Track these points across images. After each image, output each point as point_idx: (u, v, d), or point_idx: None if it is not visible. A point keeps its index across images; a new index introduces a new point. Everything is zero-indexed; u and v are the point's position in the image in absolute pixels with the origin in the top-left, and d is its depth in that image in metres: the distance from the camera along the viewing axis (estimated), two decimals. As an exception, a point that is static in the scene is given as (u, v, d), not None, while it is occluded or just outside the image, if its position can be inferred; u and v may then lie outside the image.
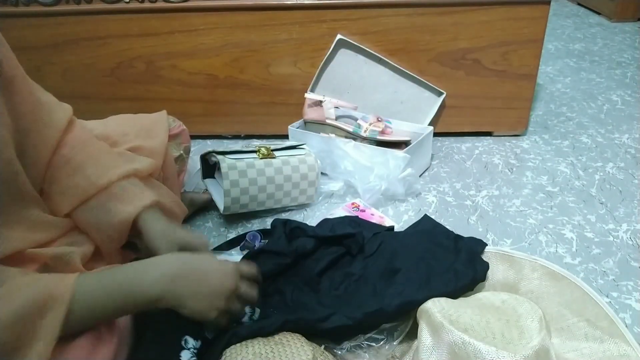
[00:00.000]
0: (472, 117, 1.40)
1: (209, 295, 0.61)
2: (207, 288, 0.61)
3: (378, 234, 0.91)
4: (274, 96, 1.38)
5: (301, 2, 1.24)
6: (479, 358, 0.57)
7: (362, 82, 1.35)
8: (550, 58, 2.07)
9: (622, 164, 1.25)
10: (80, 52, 1.33)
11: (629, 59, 2.03)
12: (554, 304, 0.76)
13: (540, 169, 1.25)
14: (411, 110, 1.37)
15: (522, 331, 0.63)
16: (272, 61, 1.32)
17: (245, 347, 0.63)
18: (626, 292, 0.84)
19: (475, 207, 1.10)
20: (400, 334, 0.73)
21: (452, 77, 1.33)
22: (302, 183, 1.08)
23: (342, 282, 0.82)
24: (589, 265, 0.91)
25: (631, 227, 1.01)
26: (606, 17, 2.63)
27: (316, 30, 1.27)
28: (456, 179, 1.22)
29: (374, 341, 0.73)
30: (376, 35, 1.27)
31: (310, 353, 0.63)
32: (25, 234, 0.60)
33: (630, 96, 1.67)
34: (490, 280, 0.82)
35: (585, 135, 1.42)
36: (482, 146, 1.38)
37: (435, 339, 0.63)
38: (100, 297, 0.55)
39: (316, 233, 0.91)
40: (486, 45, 1.28)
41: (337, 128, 1.28)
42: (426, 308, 0.67)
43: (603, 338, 0.69)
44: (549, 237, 0.99)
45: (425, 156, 1.26)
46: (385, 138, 1.23)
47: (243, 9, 1.25)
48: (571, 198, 1.12)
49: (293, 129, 1.29)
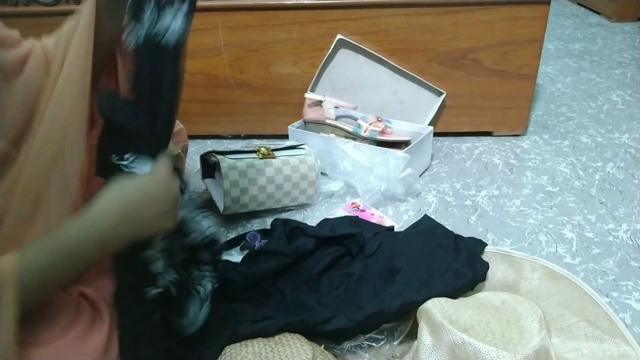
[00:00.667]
0: (472, 117, 1.40)
1: (159, 211, 0.58)
2: (155, 204, 0.58)
3: (378, 234, 0.92)
4: (274, 96, 1.38)
5: (301, 2, 1.24)
6: (479, 358, 0.57)
7: (362, 82, 1.35)
8: (550, 58, 2.07)
9: (622, 164, 1.25)
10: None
11: (629, 59, 2.03)
12: (554, 304, 0.76)
13: (540, 169, 1.25)
14: (411, 110, 1.37)
15: (522, 331, 0.63)
16: (272, 61, 1.32)
17: (245, 347, 0.64)
18: (626, 292, 0.84)
19: (475, 207, 1.10)
20: (401, 334, 0.73)
21: (452, 77, 1.33)
22: (302, 183, 1.08)
23: (342, 282, 0.82)
24: (589, 265, 0.91)
25: (631, 227, 1.01)
26: (606, 17, 2.63)
27: (316, 30, 1.27)
28: (456, 179, 1.22)
29: (374, 341, 0.73)
30: (376, 35, 1.27)
31: (310, 353, 0.63)
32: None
33: (630, 96, 1.67)
34: (490, 280, 0.82)
35: (585, 135, 1.42)
36: (482, 146, 1.38)
37: (435, 339, 0.63)
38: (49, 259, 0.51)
39: (316, 233, 0.91)
40: (486, 45, 1.28)
41: (337, 128, 1.28)
42: (426, 308, 0.67)
43: (603, 338, 0.69)
44: (549, 237, 0.99)
45: (425, 156, 1.26)
46: (385, 138, 1.23)
47: (243, 9, 1.25)
48: (571, 198, 1.12)
49: (293, 129, 1.29)
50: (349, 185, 1.16)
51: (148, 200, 0.58)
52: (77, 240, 0.53)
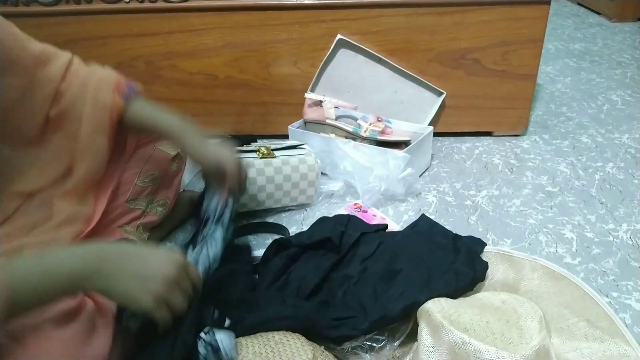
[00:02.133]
0: (472, 117, 1.40)
1: (142, 277, 0.53)
2: (142, 269, 0.54)
3: (373, 235, 0.91)
4: (274, 96, 1.38)
5: (301, 2, 1.24)
6: (478, 358, 0.57)
7: (362, 82, 1.35)
8: (550, 58, 2.07)
9: (622, 164, 1.25)
10: (80, 52, 1.30)
11: (629, 59, 2.03)
12: (554, 304, 0.76)
13: (540, 169, 1.25)
14: (411, 110, 1.37)
15: (522, 331, 0.63)
16: (272, 61, 1.32)
17: (245, 347, 0.63)
18: (626, 292, 0.84)
19: (475, 207, 1.10)
20: (402, 335, 0.73)
21: (452, 77, 1.33)
22: (301, 183, 1.08)
23: (342, 285, 0.82)
24: (589, 265, 0.91)
25: (631, 227, 1.01)
26: (606, 17, 2.63)
27: (316, 30, 1.27)
28: (456, 179, 1.22)
29: (375, 342, 0.73)
30: (376, 35, 1.27)
31: (310, 353, 0.63)
32: None
33: (630, 96, 1.67)
34: (490, 280, 0.82)
35: (585, 135, 1.42)
36: (482, 146, 1.38)
37: (435, 339, 0.63)
38: (26, 279, 0.49)
39: (300, 242, 0.91)
40: (486, 45, 1.28)
41: (337, 128, 1.28)
42: (426, 308, 0.67)
43: (603, 338, 0.69)
44: (549, 237, 0.99)
45: (425, 156, 1.26)
46: (385, 138, 1.23)
47: (243, 9, 1.25)
48: (571, 198, 1.12)
49: (293, 129, 1.29)
50: (349, 185, 1.16)
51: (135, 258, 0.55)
52: (52, 265, 0.51)
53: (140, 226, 0.86)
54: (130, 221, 0.85)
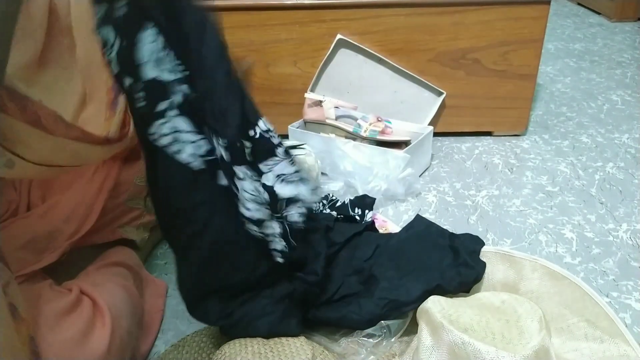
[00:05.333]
0: (472, 117, 1.40)
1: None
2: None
3: (369, 236, 0.90)
4: (274, 96, 1.38)
5: (301, 2, 1.24)
6: (478, 358, 0.57)
7: (362, 82, 1.35)
8: (550, 58, 2.07)
9: (622, 163, 1.25)
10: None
11: (629, 59, 2.03)
12: (554, 304, 0.76)
13: (540, 168, 1.25)
14: (411, 110, 1.37)
15: (522, 331, 0.63)
16: (272, 61, 1.32)
17: (244, 346, 0.63)
18: (626, 292, 0.84)
19: (475, 207, 1.10)
20: (399, 331, 0.73)
21: (452, 77, 1.33)
22: (302, 183, 1.08)
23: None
24: (589, 265, 0.91)
25: (631, 227, 1.01)
26: (606, 17, 2.63)
27: (316, 30, 1.27)
28: (456, 179, 1.22)
29: (371, 337, 0.73)
30: (376, 35, 1.27)
31: (310, 352, 0.63)
32: None
33: (630, 96, 1.67)
34: (490, 280, 0.82)
35: (585, 135, 1.42)
36: (482, 146, 1.38)
37: (435, 339, 0.63)
38: None
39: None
40: (486, 45, 1.28)
41: (337, 128, 1.28)
42: (426, 308, 0.67)
43: (603, 338, 0.69)
44: (549, 237, 0.99)
45: (425, 156, 1.26)
46: (385, 138, 1.23)
47: (243, 9, 1.25)
48: (571, 198, 1.12)
49: (293, 129, 1.29)
50: (349, 185, 1.16)
51: None
52: None
53: (140, 226, 0.87)
54: (130, 221, 0.85)
